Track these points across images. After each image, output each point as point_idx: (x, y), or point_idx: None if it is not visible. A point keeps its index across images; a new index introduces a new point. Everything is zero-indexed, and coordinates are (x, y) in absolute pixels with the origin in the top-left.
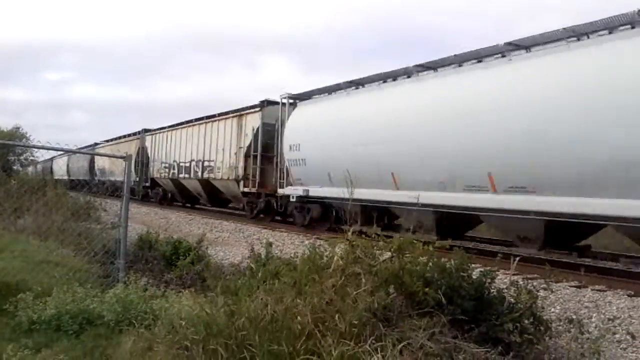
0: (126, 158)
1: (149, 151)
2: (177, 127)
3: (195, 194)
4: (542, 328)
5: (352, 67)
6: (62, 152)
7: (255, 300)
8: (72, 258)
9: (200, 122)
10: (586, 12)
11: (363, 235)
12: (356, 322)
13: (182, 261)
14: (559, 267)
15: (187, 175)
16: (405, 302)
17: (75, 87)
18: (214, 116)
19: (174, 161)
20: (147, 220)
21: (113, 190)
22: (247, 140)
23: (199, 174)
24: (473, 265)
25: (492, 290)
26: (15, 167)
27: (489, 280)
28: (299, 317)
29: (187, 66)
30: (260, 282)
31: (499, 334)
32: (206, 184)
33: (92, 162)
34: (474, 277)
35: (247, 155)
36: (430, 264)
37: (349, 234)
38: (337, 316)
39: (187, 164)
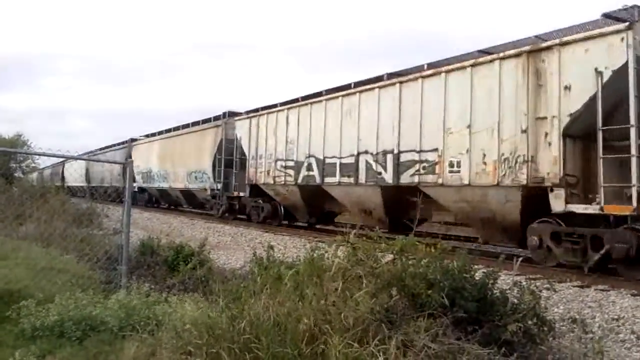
0: (126, 163)
1: (243, 143)
2: (309, 101)
3: (352, 209)
4: (545, 328)
5: (352, 69)
6: (76, 157)
7: (258, 303)
8: (74, 264)
9: (377, 84)
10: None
11: (364, 238)
12: (359, 324)
13: (184, 266)
14: None
15: (345, 179)
16: (408, 304)
17: (75, 93)
18: (421, 69)
19: (310, 156)
20: (149, 225)
21: (175, 203)
22: (571, 101)
23: (386, 176)
24: (476, 266)
25: (495, 291)
26: (17, 174)
27: (491, 281)
28: (302, 320)
29: (186, 71)
30: (263, 285)
31: (503, 334)
32: (402, 193)
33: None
34: (476, 278)
35: (567, 135)
36: (433, 265)
37: (351, 236)
38: (340, 318)
39: (347, 160)
